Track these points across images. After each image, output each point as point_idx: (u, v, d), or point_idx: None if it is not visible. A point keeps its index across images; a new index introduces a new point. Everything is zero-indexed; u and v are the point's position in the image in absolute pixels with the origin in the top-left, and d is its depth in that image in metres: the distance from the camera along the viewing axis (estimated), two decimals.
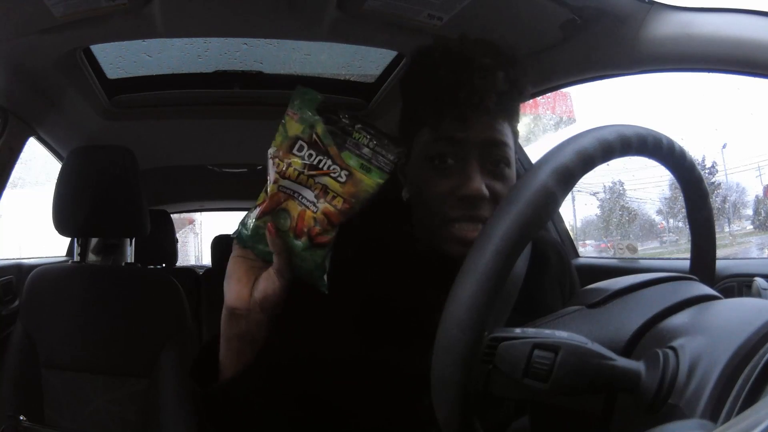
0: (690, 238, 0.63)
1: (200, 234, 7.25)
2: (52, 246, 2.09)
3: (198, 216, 6.29)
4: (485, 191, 0.70)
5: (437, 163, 0.73)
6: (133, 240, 2.17)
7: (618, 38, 1.07)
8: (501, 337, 0.46)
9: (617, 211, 3.07)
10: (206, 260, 3.51)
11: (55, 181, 1.30)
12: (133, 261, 2.33)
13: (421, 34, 1.19)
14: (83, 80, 1.44)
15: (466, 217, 0.71)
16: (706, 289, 0.53)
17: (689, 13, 0.98)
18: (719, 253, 0.64)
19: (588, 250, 2.95)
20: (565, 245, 1.65)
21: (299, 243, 0.61)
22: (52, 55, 1.27)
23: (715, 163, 2.53)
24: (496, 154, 0.72)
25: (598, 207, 3.17)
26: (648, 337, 0.48)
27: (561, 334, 0.45)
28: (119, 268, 1.54)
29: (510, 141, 0.74)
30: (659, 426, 0.37)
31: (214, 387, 0.68)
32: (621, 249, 1.70)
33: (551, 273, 0.89)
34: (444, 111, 0.71)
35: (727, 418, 0.37)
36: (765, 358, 0.39)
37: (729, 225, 2.54)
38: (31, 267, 1.37)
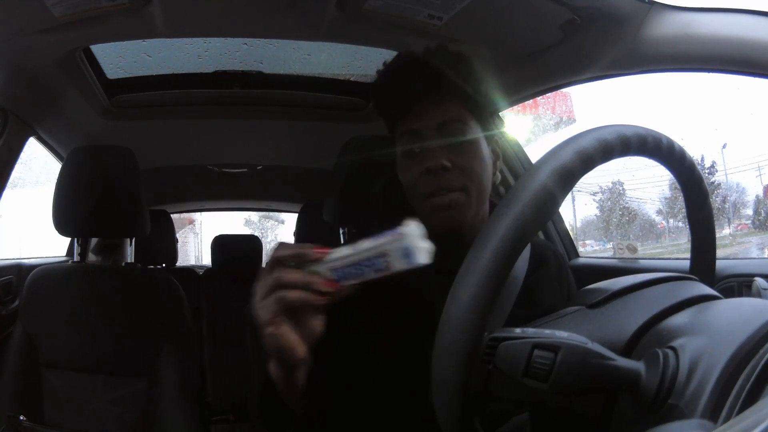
0: (690, 238, 0.63)
1: (200, 234, 7.24)
2: (52, 246, 2.09)
3: (198, 216, 6.28)
4: (446, 162, 0.81)
5: (408, 153, 0.85)
6: (133, 240, 2.17)
7: (618, 38, 1.07)
8: (501, 337, 0.46)
9: (617, 211, 3.07)
10: (206, 260, 3.50)
11: (55, 181, 1.30)
12: (133, 261, 2.34)
13: (421, 34, 1.19)
14: (83, 80, 1.44)
15: (435, 188, 0.82)
16: (706, 289, 0.53)
17: (689, 13, 0.98)
18: (719, 253, 0.64)
19: (588, 250, 2.95)
20: (565, 245, 1.65)
21: None
22: (52, 55, 1.27)
23: (715, 163, 2.53)
24: (450, 131, 0.83)
25: (597, 207, 3.17)
26: (648, 337, 0.48)
27: (561, 334, 0.45)
28: (119, 268, 1.54)
29: (465, 118, 0.84)
30: (659, 426, 0.37)
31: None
32: (621, 249, 1.69)
33: (550, 274, 0.93)
34: (398, 109, 0.85)
35: (727, 418, 0.37)
36: (765, 358, 0.39)
37: (729, 225, 2.54)
38: (31, 267, 1.37)
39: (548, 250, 0.97)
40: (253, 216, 6.82)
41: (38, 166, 1.96)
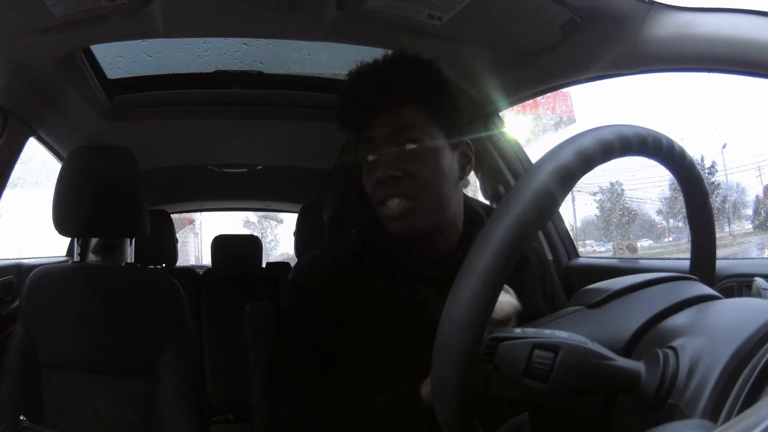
0: (690, 238, 0.63)
1: (200, 234, 7.25)
2: (52, 246, 2.09)
3: (198, 216, 6.29)
4: (394, 172, 0.82)
5: (365, 161, 0.86)
6: (133, 240, 2.17)
7: (618, 38, 1.07)
8: (501, 337, 0.46)
9: (617, 211, 3.07)
10: (206, 260, 3.51)
11: (55, 181, 1.30)
12: (133, 261, 2.33)
13: (421, 34, 1.19)
14: (83, 80, 1.44)
15: (384, 196, 0.83)
16: (706, 289, 0.53)
17: (689, 13, 0.98)
18: (719, 253, 0.64)
19: (588, 250, 2.95)
20: (565, 245, 1.65)
21: None
22: (52, 55, 1.27)
23: (715, 163, 2.53)
24: (403, 138, 0.83)
25: (597, 207, 3.17)
26: (648, 337, 0.48)
27: (561, 334, 0.45)
28: (119, 268, 1.54)
29: (420, 125, 0.84)
30: (659, 426, 0.37)
31: None
32: (621, 249, 1.69)
33: (532, 274, 0.93)
34: (356, 119, 0.86)
35: (727, 418, 0.37)
36: (765, 358, 0.39)
37: (729, 225, 2.54)
38: (31, 267, 1.37)
39: (531, 251, 0.97)
40: (253, 216, 6.83)
41: (38, 166, 1.97)
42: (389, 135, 0.83)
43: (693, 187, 0.59)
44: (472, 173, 0.97)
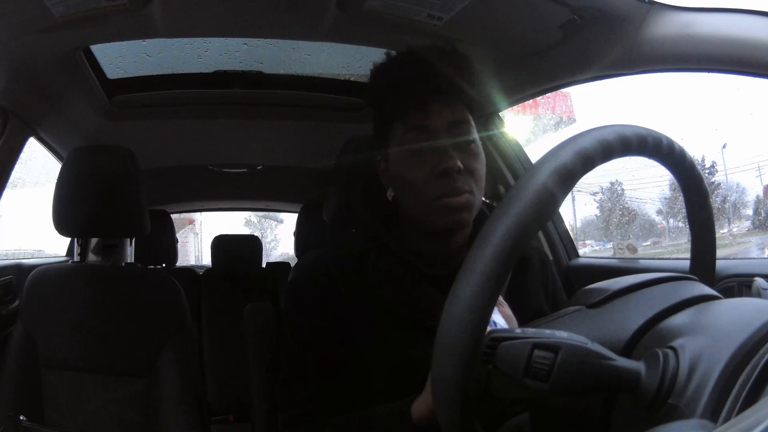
0: (690, 238, 0.63)
1: (200, 234, 7.24)
2: (52, 246, 2.09)
3: (198, 216, 6.28)
4: (460, 164, 0.79)
5: (413, 151, 0.81)
6: (133, 240, 2.17)
7: (618, 38, 1.07)
8: (501, 337, 0.46)
9: (617, 211, 3.07)
10: (206, 260, 3.51)
11: (55, 181, 1.30)
12: (133, 261, 2.33)
13: (421, 34, 1.19)
14: (83, 80, 1.44)
15: (448, 192, 0.79)
16: (706, 289, 0.53)
17: (689, 13, 0.98)
18: (719, 253, 0.64)
19: (588, 250, 2.95)
20: (565, 245, 1.65)
21: None
22: (52, 55, 1.27)
23: (715, 163, 2.52)
24: (461, 132, 0.81)
25: (597, 207, 3.17)
26: (648, 337, 0.48)
27: (561, 334, 0.45)
28: (119, 268, 1.54)
29: (471, 121, 0.83)
30: (659, 426, 0.37)
31: None
32: (621, 249, 1.69)
33: (534, 274, 0.93)
34: (408, 103, 0.81)
35: (727, 418, 0.37)
36: (765, 358, 0.39)
37: (729, 225, 2.54)
38: (31, 267, 1.37)
39: (534, 252, 0.97)
40: (253, 216, 6.83)
41: (38, 166, 1.97)
42: (447, 126, 0.81)
43: (693, 187, 0.59)
44: None
